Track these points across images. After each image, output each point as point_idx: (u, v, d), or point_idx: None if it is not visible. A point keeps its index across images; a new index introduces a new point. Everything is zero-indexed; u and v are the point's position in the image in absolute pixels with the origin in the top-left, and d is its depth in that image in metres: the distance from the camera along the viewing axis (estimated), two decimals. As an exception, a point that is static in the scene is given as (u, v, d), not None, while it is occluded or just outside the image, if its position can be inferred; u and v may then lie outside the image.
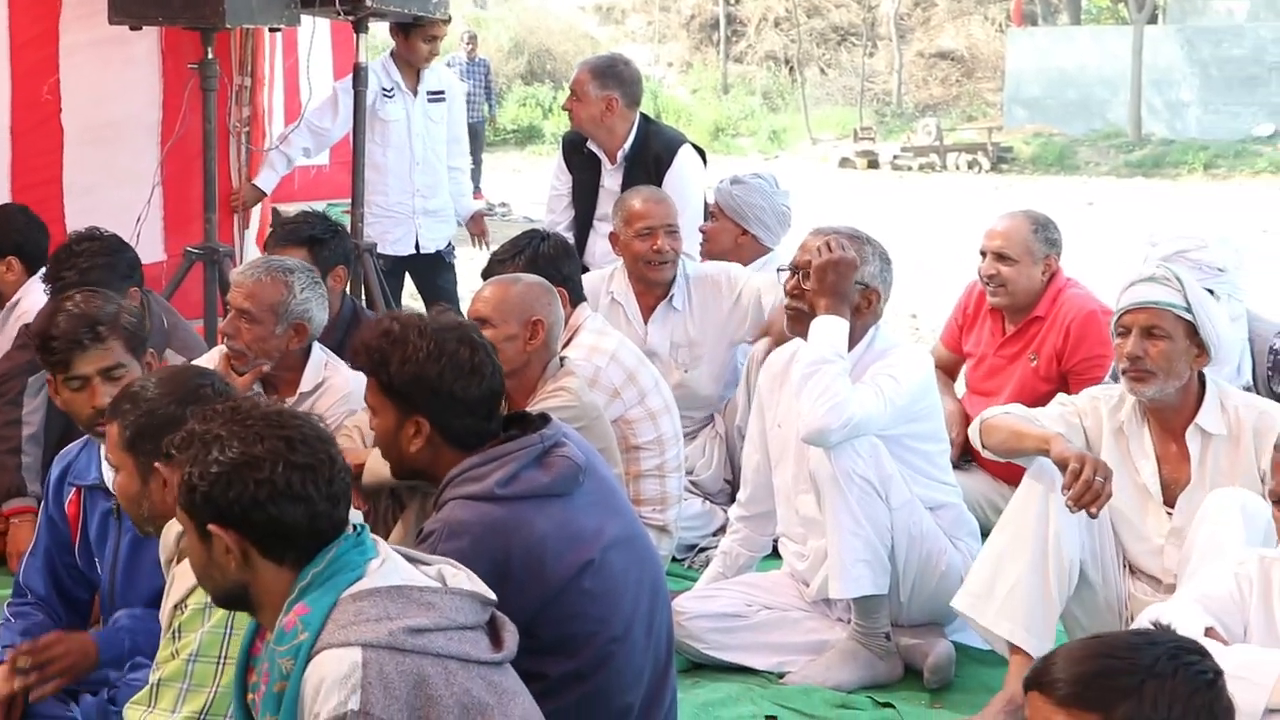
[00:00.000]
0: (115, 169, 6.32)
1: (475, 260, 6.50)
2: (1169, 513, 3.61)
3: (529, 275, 4.01)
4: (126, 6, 5.50)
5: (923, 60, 30.33)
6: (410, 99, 6.55)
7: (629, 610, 2.92)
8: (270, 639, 2.27)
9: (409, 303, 7.29)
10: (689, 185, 5.74)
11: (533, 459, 2.85)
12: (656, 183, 5.55)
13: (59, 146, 6.24)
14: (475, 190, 11.17)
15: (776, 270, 4.36)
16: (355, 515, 2.38)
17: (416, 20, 6.28)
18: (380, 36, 6.98)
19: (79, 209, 6.08)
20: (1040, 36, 28.14)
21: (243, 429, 2.28)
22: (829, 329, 3.80)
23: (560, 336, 3.98)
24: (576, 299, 4.47)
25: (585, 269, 5.31)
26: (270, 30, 6.39)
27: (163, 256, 6.40)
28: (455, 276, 6.99)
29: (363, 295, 6.00)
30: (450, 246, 6.86)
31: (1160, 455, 3.63)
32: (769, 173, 5.70)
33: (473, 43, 17.81)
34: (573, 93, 5.83)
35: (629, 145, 5.78)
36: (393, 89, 6.50)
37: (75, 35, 6.15)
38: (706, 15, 32.54)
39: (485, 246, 6.77)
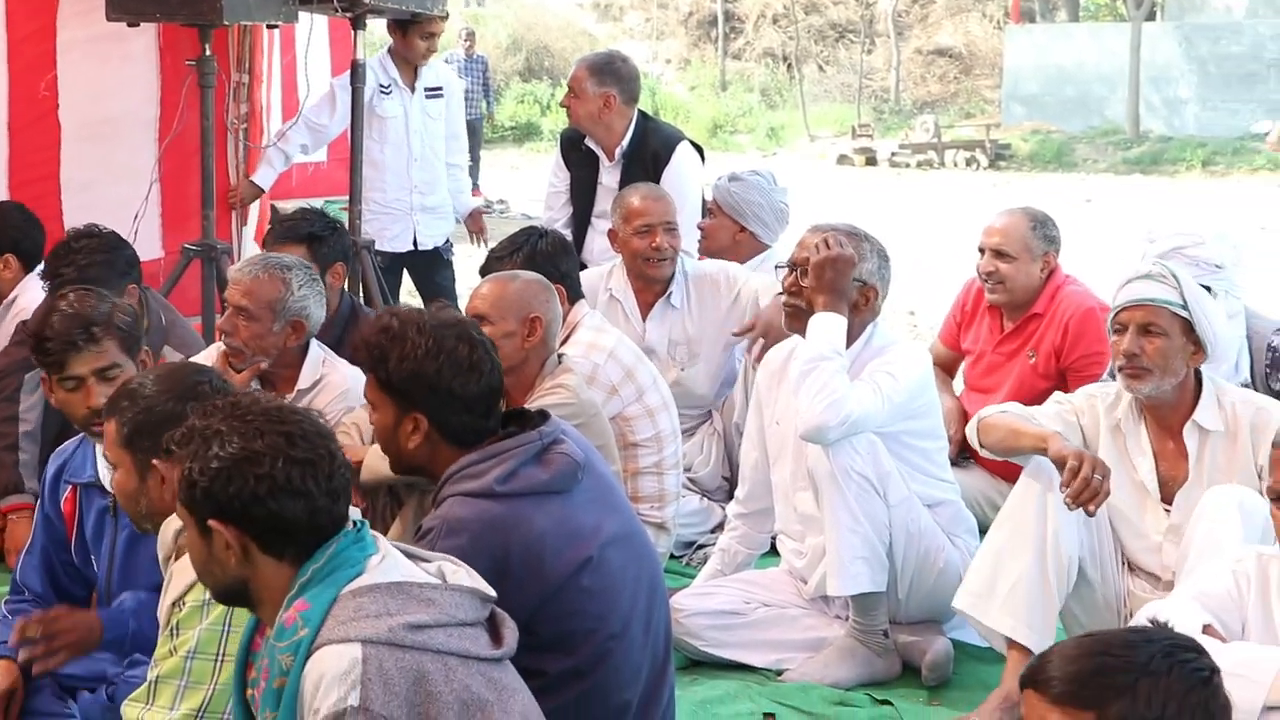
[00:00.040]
0: (113, 166, 6.30)
1: (473, 257, 6.49)
2: (1167, 510, 3.61)
3: (527, 272, 4.00)
4: (124, 3, 5.48)
5: (921, 57, 30.32)
6: (408, 95, 6.53)
7: (627, 607, 2.92)
8: (270, 635, 2.28)
9: (407, 300, 7.29)
10: (687, 182, 5.73)
11: (531, 456, 2.85)
12: (654, 180, 5.54)
13: (56, 143, 6.22)
14: (474, 187, 11.15)
15: (774, 267, 4.36)
16: (354, 512, 2.38)
17: (414, 17, 6.27)
18: (378, 33, 6.98)
19: (76, 206, 6.07)
20: (1038, 33, 28.16)
21: (243, 424, 2.28)
22: (827, 326, 3.80)
23: (558, 334, 3.98)
24: (574, 296, 4.46)
25: (583, 266, 5.31)
26: (268, 27, 6.39)
27: (160, 253, 6.39)
28: (453, 273, 6.97)
29: (360, 292, 5.98)
30: (448, 243, 6.85)
31: (1157, 452, 3.63)
32: (767, 170, 5.70)
33: (471, 40, 17.81)
34: (570, 90, 5.83)
35: (627, 142, 5.78)
36: (390, 85, 6.48)
37: (73, 31, 6.13)
38: (704, 12, 32.54)
39: (483, 244, 6.76)
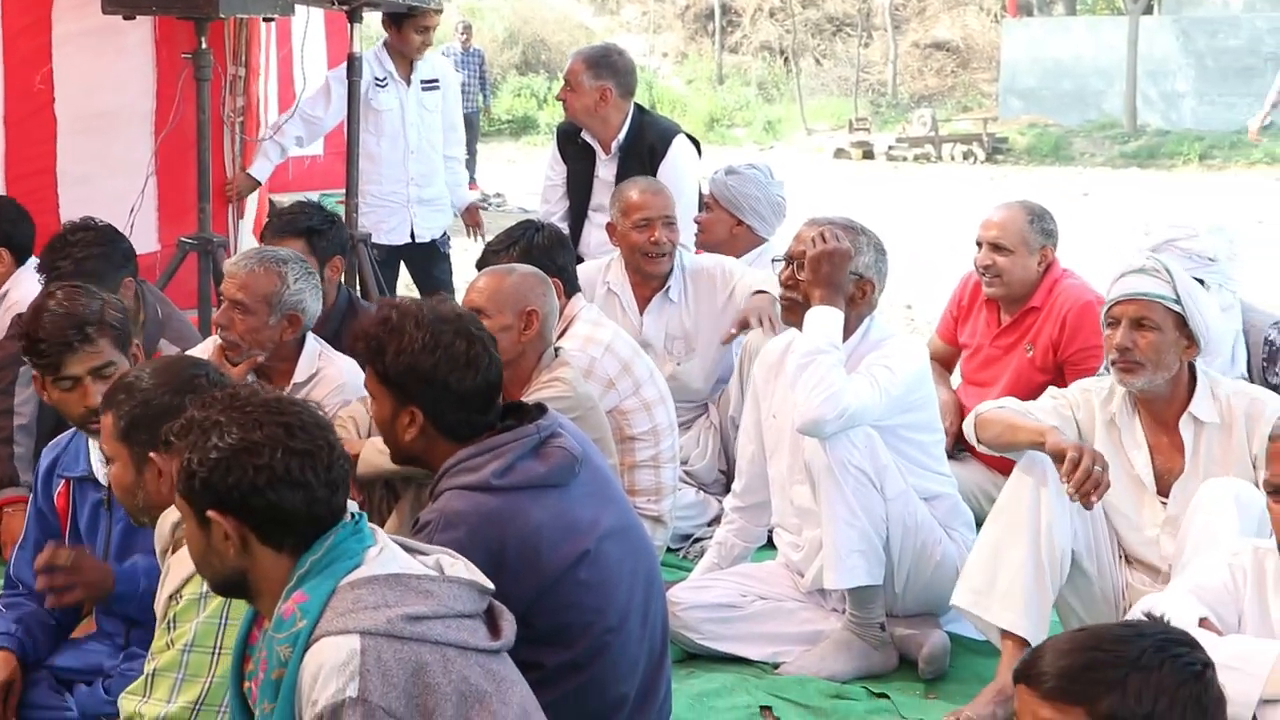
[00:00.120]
0: (109, 159, 6.30)
1: (470, 251, 6.48)
2: (1163, 502, 3.62)
3: (524, 266, 4.00)
4: (120, -4, 5.49)
5: (918, 51, 30.29)
6: (404, 88, 6.52)
7: (624, 601, 2.92)
8: (268, 626, 2.28)
9: (404, 293, 7.28)
10: (683, 175, 5.73)
11: (529, 449, 2.85)
12: (651, 173, 5.55)
13: (52, 136, 6.22)
14: (470, 181, 11.14)
15: (771, 261, 4.36)
16: (351, 505, 2.39)
17: (410, 10, 6.26)
18: (374, 27, 6.97)
19: (73, 199, 6.07)
20: (1035, 27, 28.14)
21: (242, 415, 2.28)
22: (824, 319, 3.79)
23: (555, 327, 3.98)
24: (571, 290, 4.46)
25: (580, 259, 5.31)
26: (264, 20, 6.37)
27: (157, 247, 6.38)
28: (450, 267, 6.96)
29: (357, 285, 5.98)
30: (445, 236, 6.84)
31: (1152, 445, 3.64)
32: (764, 163, 5.70)
33: (467, 33, 17.80)
34: (567, 83, 5.83)
35: (623, 136, 5.78)
36: (386, 79, 6.47)
37: (68, 25, 6.12)
38: (701, 5, 32.49)
39: (480, 237, 6.75)
